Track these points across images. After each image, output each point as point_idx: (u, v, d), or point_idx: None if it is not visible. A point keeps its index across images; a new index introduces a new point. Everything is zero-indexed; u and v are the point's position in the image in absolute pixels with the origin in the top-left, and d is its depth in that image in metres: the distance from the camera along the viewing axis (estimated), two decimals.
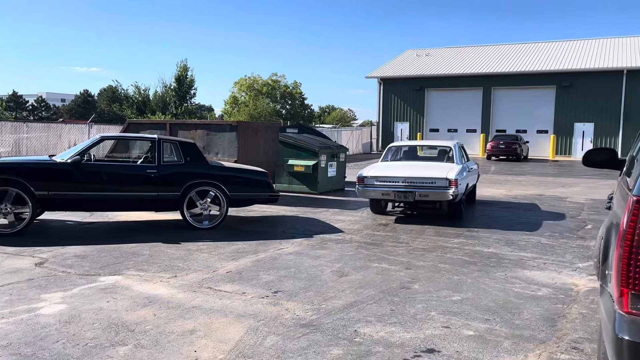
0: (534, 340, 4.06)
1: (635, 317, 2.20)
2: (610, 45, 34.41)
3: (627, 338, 2.15)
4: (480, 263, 6.49)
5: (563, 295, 5.24)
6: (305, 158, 13.18)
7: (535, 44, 38.15)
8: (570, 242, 7.82)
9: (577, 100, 30.95)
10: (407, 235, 8.16)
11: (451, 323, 4.39)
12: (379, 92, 36.41)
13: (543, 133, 32.10)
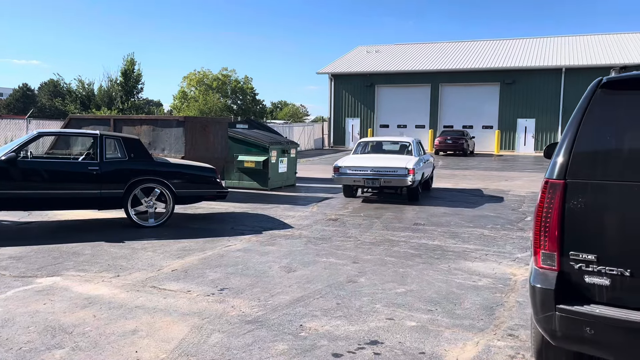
0: (473, 328, 4.20)
1: (544, 270, 2.86)
2: (550, 44, 35.89)
3: (538, 285, 2.83)
4: (425, 255, 6.65)
5: (502, 284, 5.44)
6: (256, 154, 13.09)
7: (480, 42, 39.32)
8: (511, 234, 8.13)
9: (520, 97, 32.16)
10: (356, 230, 8.26)
11: (395, 315, 4.48)
12: (330, 88, 36.59)
13: (488, 129, 33.17)
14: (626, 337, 2.58)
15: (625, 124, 2.81)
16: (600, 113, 2.87)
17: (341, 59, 39.73)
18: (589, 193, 2.78)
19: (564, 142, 2.94)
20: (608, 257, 2.70)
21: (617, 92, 2.91)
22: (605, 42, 34.52)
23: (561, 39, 36.96)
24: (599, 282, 2.73)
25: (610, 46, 33.43)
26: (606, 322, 2.61)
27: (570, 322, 2.70)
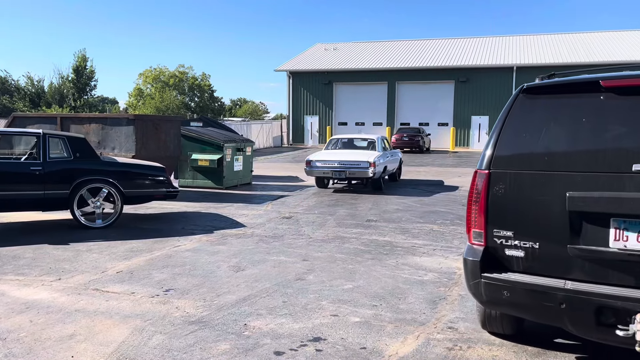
0: (415, 322, 4.29)
1: (474, 246, 3.43)
2: (502, 43, 36.90)
3: (468, 258, 3.41)
4: (375, 251, 6.74)
5: (447, 279, 5.57)
6: (210, 152, 12.95)
7: (436, 40, 40.03)
8: (459, 229, 8.33)
9: (474, 95, 32.94)
10: (309, 228, 8.29)
11: (340, 311, 4.53)
12: (288, 85, 36.52)
13: (444, 126, 33.84)
14: (533, 298, 3.16)
15: (539, 124, 3.31)
16: (520, 114, 3.38)
17: (300, 57, 39.71)
18: (508, 181, 3.31)
19: (491, 138, 3.45)
20: (522, 233, 3.25)
21: (535, 96, 3.40)
22: (555, 42, 35.75)
23: (513, 38, 38.05)
24: (516, 254, 3.29)
25: (559, 46, 34.64)
26: (518, 286, 3.19)
27: (492, 287, 3.28)
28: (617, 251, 2.98)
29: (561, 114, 3.29)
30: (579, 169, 3.10)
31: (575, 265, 3.10)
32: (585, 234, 3.07)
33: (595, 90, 3.19)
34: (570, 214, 3.08)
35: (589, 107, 3.21)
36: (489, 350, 3.76)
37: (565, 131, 3.25)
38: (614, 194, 2.97)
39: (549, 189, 3.17)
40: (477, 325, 4.22)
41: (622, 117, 3.10)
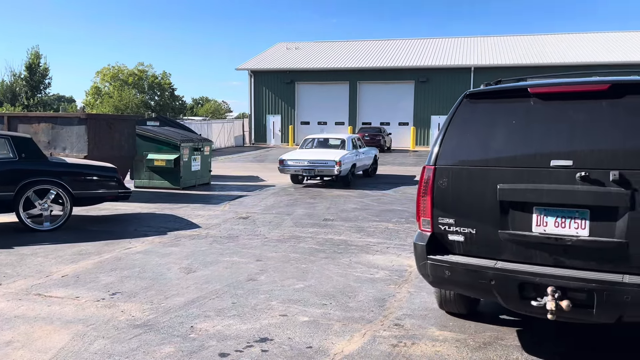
0: (363, 320, 4.33)
1: (423, 232, 3.82)
2: (461, 44, 37.64)
3: (418, 243, 3.79)
4: (329, 250, 6.77)
5: (397, 276, 5.65)
6: (166, 152, 12.74)
7: (397, 40, 40.49)
8: (414, 227, 8.45)
9: (433, 95, 33.48)
10: (265, 228, 8.26)
11: (289, 311, 4.53)
12: (250, 84, 36.26)
13: (404, 125, 34.27)
14: (469, 276, 3.55)
15: (478, 125, 3.74)
16: (463, 116, 3.80)
17: (261, 55, 39.50)
18: (450, 175, 3.72)
19: (438, 137, 3.85)
20: (462, 220, 3.66)
21: (477, 101, 3.81)
22: (511, 43, 36.70)
23: (470, 39, 38.86)
24: (457, 239, 3.70)
25: (515, 47, 35.58)
26: (457, 266, 3.59)
27: (436, 267, 3.68)
28: (538, 235, 3.40)
29: (496, 117, 3.71)
30: (508, 164, 3.53)
31: (505, 248, 3.52)
32: (513, 221, 3.49)
33: (525, 96, 3.61)
34: (501, 203, 3.51)
35: (519, 111, 3.62)
36: (432, 346, 3.83)
37: (499, 132, 3.65)
38: (535, 186, 3.40)
39: (483, 182, 3.58)
40: (423, 322, 4.30)
41: (544, 120, 3.52)
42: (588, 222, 3.29)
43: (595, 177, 3.23)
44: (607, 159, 3.25)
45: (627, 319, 3.20)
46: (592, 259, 3.27)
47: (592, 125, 3.39)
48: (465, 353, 3.72)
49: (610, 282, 3.11)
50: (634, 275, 3.11)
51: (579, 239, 3.28)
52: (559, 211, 3.36)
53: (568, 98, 3.52)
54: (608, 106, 3.38)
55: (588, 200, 3.26)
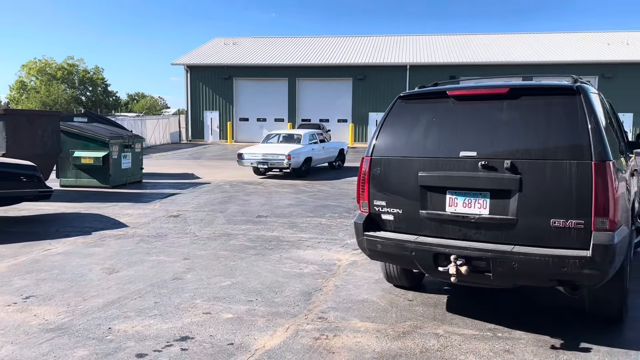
0: (287, 315, 4.35)
1: (362, 213, 4.42)
2: (396, 42, 38.45)
3: (357, 222, 4.41)
4: (260, 247, 6.74)
5: (326, 270, 5.71)
6: (94, 149, 12.25)
7: (335, 38, 40.82)
8: (346, 221, 8.57)
9: (370, 92, 34.02)
10: (196, 226, 8.12)
11: (213, 309, 4.47)
12: (186, 79, 35.46)
13: (343, 122, 34.61)
14: (395, 249, 4.15)
15: (407, 122, 4.36)
16: (396, 114, 4.43)
17: (198, 50, 38.71)
18: (383, 164, 4.31)
19: (375, 132, 4.47)
20: (391, 202, 4.27)
21: (408, 101, 4.45)
22: (445, 42, 37.86)
23: (406, 37, 39.78)
24: (388, 218, 4.31)
25: (449, 46, 36.74)
26: (386, 241, 4.20)
27: (371, 242, 4.29)
28: (450, 214, 4.01)
29: (422, 115, 4.32)
30: (427, 155, 4.14)
31: (424, 225, 4.13)
32: (430, 202, 4.10)
33: (445, 97, 4.25)
34: (421, 188, 4.12)
35: (439, 110, 4.26)
36: (353, 337, 3.90)
37: (422, 127, 4.27)
38: (448, 173, 4.02)
39: (408, 170, 4.19)
40: (347, 314, 4.37)
41: (458, 117, 4.16)
42: (488, 203, 3.88)
43: (492, 165, 3.83)
44: (503, 150, 3.85)
45: (520, 283, 3.87)
46: (491, 233, 3.86)
47: (493, 122, 4.00)
48: (385, 343, 3.81)
49: (502, 251, 3.70)
50: (521, 246, 3.71)
51: (481, 216, 3.88)
52: (466, 194, 3.97)
53: (478, 99, 4.15)
54: (507, 106, 3.98)
55: (488, 184, 3.86)
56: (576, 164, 3.59)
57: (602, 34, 37.91)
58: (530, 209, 3.70)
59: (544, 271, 3.59)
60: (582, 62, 31.65)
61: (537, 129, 3.81)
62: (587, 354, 3.63)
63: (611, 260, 3.49)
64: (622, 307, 4.08)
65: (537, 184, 3.69)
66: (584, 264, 3.48)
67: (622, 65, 31.28)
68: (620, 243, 3.59)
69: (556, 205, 3.62)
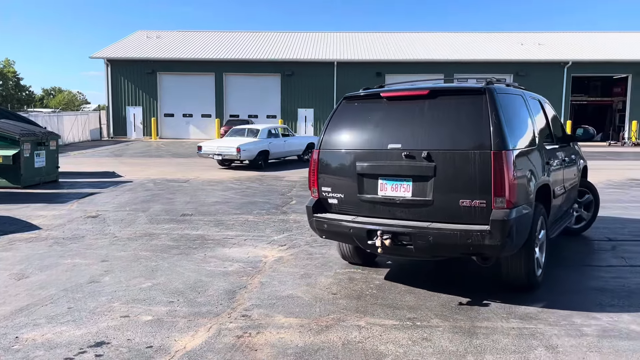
0: (210, 314, 4.27)
1: (313, 198, 5.14)
2: (324, 39, 38.75)
3: (308, 205, 5.13)
4: (184, 246, 6.58)
5: (252, 267, 5.66)
6: (3, 147, 11.45)
7: (262, 33, 40.53)
8: (273, 218, 8.53)
9: (299, 88, 34.09)
10: (116, 226, 7.79)
11: (132, 312, 4.31)
12: (106, 73, 33.92)
13: (272, 118, 34.46)
14: (337, 227, 4.86)
15: (350, 119, 5.04)
16: (341, 113, 5.13)
17: (119, 43, 37.12)
18: (328, 156, 5.04)
19: (324, 128, 5.15)
20: (335, 188, 4.99)
21: (351, 102, 5.16)
22: (372, 40, 38.61)
23: (333, 34, 40.19)
24: (333, 202, 5.03)
25: (375, 43, 37.49)
26: (331, 221, 4.91)
27: (319, 222, 5.01)
28: (381, 197, 4.70)
29: (361, 113, 4.99)
30: (363, 147, 4.83)
31: (361, 207, 4.84)
32: (366, 188, 4.80)
33: (379, 98, 4.92)
34: (358, 175, 4.82)
35: (374, 109, 4.92)
36: (276, 334, 3.89)
37: (361, 124, 4.93)
38: (379, 163, 4.70)
39: (349, 161, 4.88)
40: (271, 310, 4.35)
41: (388, 115, 4.83)
42: (411, 187, 4.56)
43: (413, 155, 4.50)
44: (421, 142, 4.51)
45: (437, 254, 4.65)
46: (413, 212, 4.55)
47: (416, 118, 4.64)
48: (308, 337, 3.83)
49: (420, 227, 4.39)
50: (436, 223, 4.40)
51: (405, 199, 4.57)
52: (393, 180, 4.64)
53: (404, 99, 4.81)
54: (427, 105, 4.62)
55: (410, 171, 4.54)
56: (479, 153, 4.23)
57: (516, 35, 40.16)
58: (443, 192, 4.37)
59: (454, 243, 4.26)
60: (499, 61, 33.39)
61: (450, 123, 4.47)
62: (498, 336, 3.83)
63: (508, 234, 4.12)
64: (532, 276, 4.66)
65: (449, 170, 4.35)
66: (484, 236, 4.15)
67: (534, 64, 33.29)
68: (518, 219, 4.20)
69: (464, 188, 4.28)
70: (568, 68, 33.02)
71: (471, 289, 4.91)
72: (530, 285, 4.72)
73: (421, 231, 4.34)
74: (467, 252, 4.33)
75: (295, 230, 7.55)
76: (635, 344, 3.70)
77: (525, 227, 4.39)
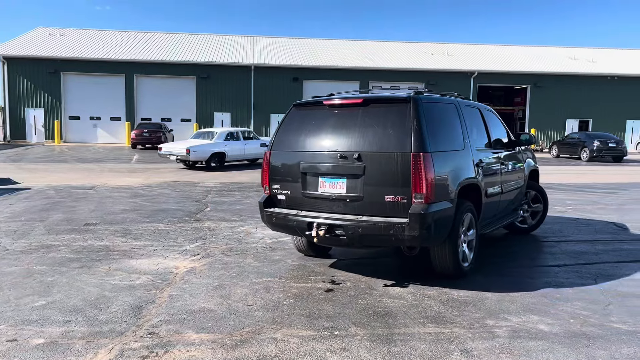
0: (112, 334, 3.90)
1: (265, 195, 5.70)
2: (241, 42, 38.29)
3: (260, 201, 5.71)
4: (86, 259, 6.06)
5: (161, 280, 5.29)
6: None
7: (176, 34, 39.34)
8: (186, 226, 8.13)
9: (215, 92, 33.37)
10: (8, 238, 7.06)
11: (21, 334, 3.84)
12: (2, 72, 31.29)
13: (187, 121, 33.47)
14: (283, 221, 5.45)
15: (298, 124, 5.59)
16: (290, 118, 5.71)
17: (18, 40, 34.42)
18: (278, 156, 5.62)
19: (275, 131, 5.78)
20: (283, 185, 5.55)
21: (300, 109, 5.72)
22: (290, 45, 38.62)
23: (250, 38, 39.82)
24: (281, 197, 5.60)
25: (292, 48, 37.54)
26: (278, 215, 5.50)
27: (269, 216, 5.59)
28: (321, 194, 5.26)
29: (307, 119, 5.54)
30: (307, 149, 5.39)
31: (305, 202, 5.39)
32: (309, 185, 5.35)
33: (322, 106, 5.48)
34: (302, 174, 5.38)
35: (318, 115, 5.48)
36: (186, 352, 3.61)
37: (306, 128, 5.47)
38: (319, 163, 5.26)
39: (295, 161, 5.44)
40: (181, 326, 4.06)
41: (328, 121, 5.36)
42: (345, 184, 5.10)
43: (346, 156, 5.06)
44: (354, 145, 5.05)
45: (367, 244, 5.11)
46: (347, 207, 5.10)
47: (351, 124, 5.17)
48: (221, 354, 3.59)
49: (351, 220, 4.93)
50: (365, 216, 4.94)
51: (340, 195, 5.12)
52: (331, 178, 5.19)
53: (343, 107, 5.34)
54: (361, 112, 5.16)
55: (344, 170, 5.08)
56: (401, 155, 4.77)
57: (426, 44, 41.94)
58: (371, 189, 4.92)
59: (379, 234, 4.81)
60: (412, 70, 34.67)
61: (379, 128, 5.00)
62: (416, 342, 3.81)
63: (426, 226, 4.66)
64: (458, 266, 5.22)
65: (376, 170, 4.89)
66: (404, 228, 4.70)
67: (444, 73, 34.90)
68: (435, 214, 4.73)
69: (388, 185, 4.83)
70: (474, 78, 34.95)
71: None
72: (458, 275, 5.27)
73: (352, 224, 4.89)
74: (391, 242, 4.89)
75: (209, 239, 7.23)
76: (544, 343, 3.82)
77: (445, 221, 4.90)
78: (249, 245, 6.91)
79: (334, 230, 4.97)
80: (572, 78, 35.69)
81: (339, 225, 4.94)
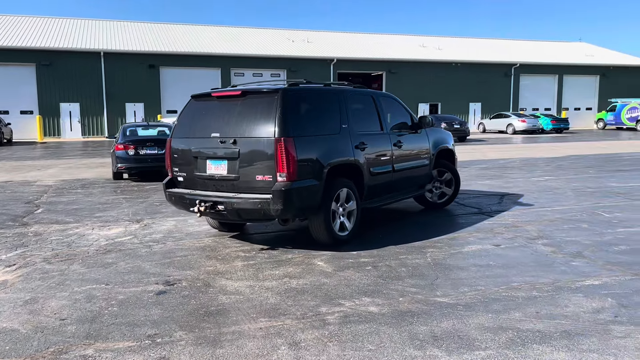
0: None
1: (169, 177, 6.43)
2: (88, 26, 35.27)
3: (163, 183, 6.47)
4: None
5: None
6: None
7: (12, 16, 35.17)
8: (7, 232, 7.16)
9: (60, 80, 30.41)
10: None
11: None
12: None
13: (28, 114, 30.14)
14: (180, 199, 6.16)
15: (194, 114, 6.28)
16: (188, 109, 6.38)
17: None
18: (177, 142, 6.27)
19: (176, 120, 6.54)
20: (181, 168, 6.24)
21: (197, 100, 6.34)
22: (144, 30, 36.36)
23: (100, 22, 36.82)
24: (180, 179, 6.28)
25: (147, 34, 35.41)
26: (175, 194, 6.22)
27: (169, 195, 6.32)
28: (208, 175, 5.96)
29: (200, 109, 6.23)
30: (196, 136, 6.08)
31: (196, 183, 6.11)
32: (199, 167, 6.03)
33: (212, 97, 6.15)
34: (194, 158, 6.05)
35: (208, 106, 6.19)
36: None
37: (198, 117, 6.17)
38: (206, 148, 5.93)
39: (188, 146, 6.13)
40: None
41: (215, 110, 6.08)
42: (226, 166, 5.80)
43: (225, 141, 5.76)
44: (231, 132, 5.75)
45: (245, 218, 5.95)
46: (227, 186, 5.82)
47: (232, 113, 5.86)
48: None
49: (228, 197, 5.70)
50: (240, 194, 5.67)
51: (222, 176, 5.83)
52: (215, 161, 5.88)
53: (227, 98, 6.03)
54: (240, 103, 5.86)
55: (224, 154, 5.78)
56: (267, 140, 5.49)
57: (285, 31, 42.16)
58: (245, 170, 5.64)
59: (251, 208, 5.57)
60: (273, 57, 34.59)
61: (253, 117, 5.69)
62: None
63: (287, 201, 5.40)
64: (333, 235, 5.93)
65: (248, 153, 5.61)
66: (268, 202, 5.43)
67: (305, 60, 35.32)
68: (297, 190, 5.44)
69: (258, 167, 5.56)
70: (334, 65, 35.89)
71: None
72: (334, 243, 5.96)
73: (229, 200, 5.64)
74: (262, 215, 5.67)
75: (32, 245, 6.40)
76: (371, 326, 3.83)
77: (311, 196, 5.63)
78: (79, 249, 6.24)
79: (217, 206, 5.67)
80: (422, 65, 38.19)
81: (220, 202, 5.67)
